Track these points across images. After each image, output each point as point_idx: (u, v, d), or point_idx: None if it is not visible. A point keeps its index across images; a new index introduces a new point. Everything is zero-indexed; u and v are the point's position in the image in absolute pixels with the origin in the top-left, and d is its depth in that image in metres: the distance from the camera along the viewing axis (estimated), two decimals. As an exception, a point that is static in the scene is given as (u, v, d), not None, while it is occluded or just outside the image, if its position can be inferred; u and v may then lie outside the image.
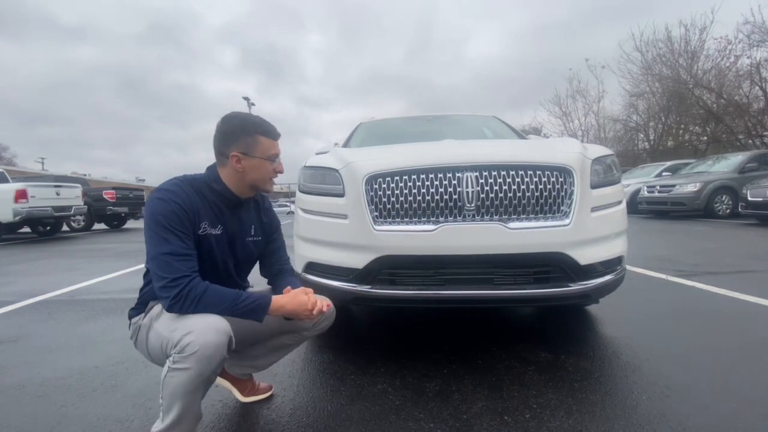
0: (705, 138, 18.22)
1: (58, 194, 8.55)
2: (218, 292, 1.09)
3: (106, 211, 10.65)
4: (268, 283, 1.44)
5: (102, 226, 11.79)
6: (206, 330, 1.00)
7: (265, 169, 1.23)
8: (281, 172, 1.28)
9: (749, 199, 7.03)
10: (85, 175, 20.53)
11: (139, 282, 1.25)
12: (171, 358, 1.01)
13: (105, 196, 10.55)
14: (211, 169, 1.24)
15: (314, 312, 1.18)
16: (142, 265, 1.20)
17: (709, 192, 8.37)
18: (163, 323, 1.10)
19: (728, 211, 8.34)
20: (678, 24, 18.20)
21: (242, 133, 1.18)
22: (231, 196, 1.24)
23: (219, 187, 1.21)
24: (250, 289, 1.41)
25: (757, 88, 15.50)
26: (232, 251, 1.28)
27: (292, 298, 1.17)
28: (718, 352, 1.76)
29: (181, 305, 1.04)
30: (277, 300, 1.14)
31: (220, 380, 1.46)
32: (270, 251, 1.42)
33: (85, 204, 9.62)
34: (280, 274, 1.42)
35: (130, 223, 13.22)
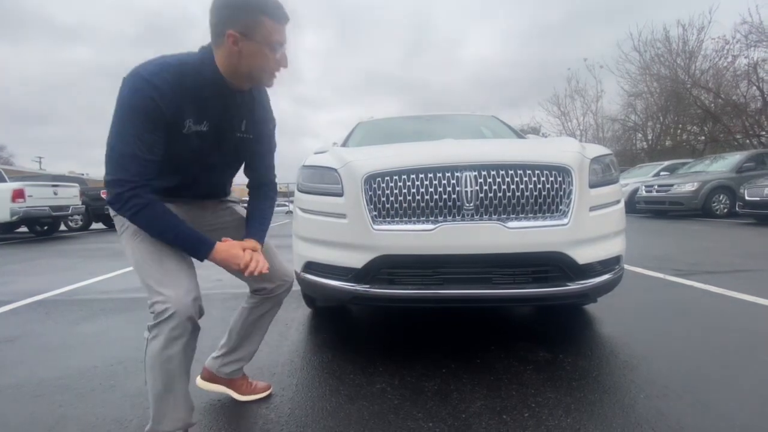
0: (703, 138, 18.29)
1: (55, 194, 8.52)
2: (159, 213, 1.02)
3: (104, 210, 10.59)
4: (248, 194, 1.34)
5: (100, 225, 11.75)
6: (180, 296, 1.01)
7: (265, 58, 1.04)
8: (285, 66, 1.08)
9: (746, 198, 7.06)
10: (83, 174, 20.44)
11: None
12: (147, 328, 1.05)
13: (103, 196, 10.50)
14: (205, 50, 1.06)
15: (246, 273, 1.12)
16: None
17: (707, 191, 8.40)
18: (140, 256, 1.08)
19: (726, 210, 8.37)
20: (676, 24, 18.30)
21: (242, 11, 1.00)
22: (223, 86, 1.07)
23: (210, 74, 1.04)
24: (232, 203, 1.38)
25: (755, 88, 15.57)
26: (219, 149, 1.16)
27: (227, 249, 1.10)
28: (716, 350, 1.76)
29: (119, 209, 1.01)
30: (215, 246, 1.09)
31: (214, 387, 1.44)
32: (257, 152, 1.28)
33: (82, 203, 9.59)
34: (259, 187, 1.31)
35: (128, 223, 13.19)
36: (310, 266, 1.80)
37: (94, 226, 11.47)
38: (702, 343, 1.85)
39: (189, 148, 1.08)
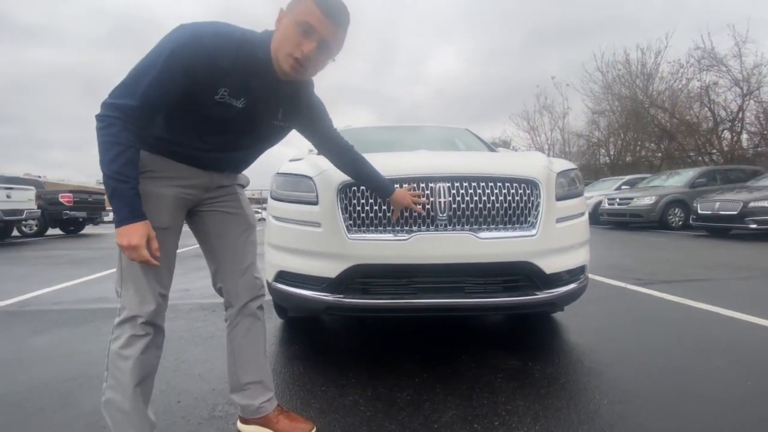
0: (660, 154, 19.49)
1: (8, 197, 7.99)
2: (110, 146, 0.92)
3: (62, 215, 10.01)
4: (353, 177, 1.49)
5: (57, 231, 11.08)
6: (142, 299, 1.04)
7: (288, 35, 0.98)
8: (307, 53, 0.99)
9: (699, 212, 7.55)
10: (40, 176, 19.27)
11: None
12: (111, 329, 1.07)
13: (61, 200, 9.93)
14: (268, 33, 1.05)
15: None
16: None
17: (664, 205, 8.92)
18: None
19: (680, 223, 8.91)
20: (635, 47, 19.51)
21: None
22: (270, 71, 1.04)
23: (262, 56, 1.02)
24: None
25: (707, 109, 16.81)
26: (253, 132, 1.14)
27: (141, 230, 0.96)
28: (673, 356, 1.86)
29: (96, 128, 0.93)
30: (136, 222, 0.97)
31: (250, 428, 1.29)
32: (322, 129, 1.31)
33: (38, 207, 9.03)
34: (355, 162, 1.43)
35: (88, 229, 12.51)
36: (283, 275, 1.76)
37: (51, 231, 10.79)
38: (661, 349, 1.94)
39: (219, 117, 1.04)
